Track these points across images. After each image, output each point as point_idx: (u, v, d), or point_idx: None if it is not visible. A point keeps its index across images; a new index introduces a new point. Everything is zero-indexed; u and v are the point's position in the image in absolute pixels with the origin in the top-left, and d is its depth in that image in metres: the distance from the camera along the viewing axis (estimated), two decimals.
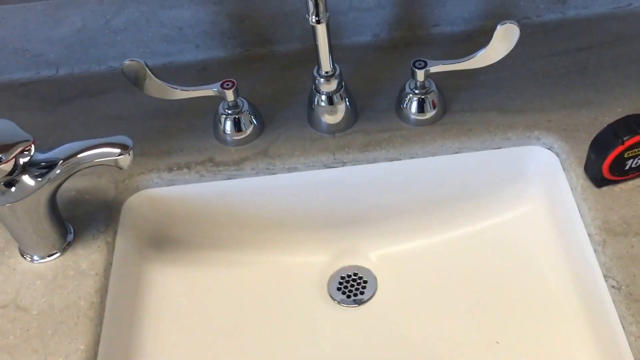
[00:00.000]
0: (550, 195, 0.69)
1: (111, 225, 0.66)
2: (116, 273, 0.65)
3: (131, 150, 0.58)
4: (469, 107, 0.72)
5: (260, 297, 0.71)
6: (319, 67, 0.67)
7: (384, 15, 0.78)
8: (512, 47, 0.66)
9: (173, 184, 0.69)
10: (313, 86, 0.69)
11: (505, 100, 0.72)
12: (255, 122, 0.70)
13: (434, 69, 0.68)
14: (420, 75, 0.68)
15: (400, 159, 0.69)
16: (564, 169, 0.67)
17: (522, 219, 0.72)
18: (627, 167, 0.63)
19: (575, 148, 0.67)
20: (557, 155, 0.68)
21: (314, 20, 0.60)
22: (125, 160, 0.59)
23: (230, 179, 0.69)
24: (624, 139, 0.61)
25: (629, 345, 0.55)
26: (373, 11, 0.78)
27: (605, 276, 0.59)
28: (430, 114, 0.70)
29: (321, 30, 0.63)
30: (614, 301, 0.58)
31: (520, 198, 0.72)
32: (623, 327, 0.56)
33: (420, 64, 0.68)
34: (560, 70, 0.74)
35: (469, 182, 0.71)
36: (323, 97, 0.69)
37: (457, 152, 0.70)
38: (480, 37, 0.79)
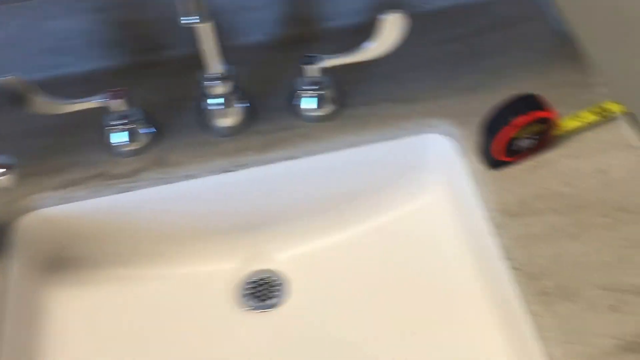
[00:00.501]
0: (451, 182, 0.70)
1: (3, 249, 0.63)
2: (13, 299, 0.62)
3: (14, 169, 0.56)
4: (365, 100, 0.72)
5: (169, 311, 0.69)
6: (208, 70, 0.66)
7: (275, 12, 0.77)
8: (400, 36, 0.66)
9: (67, 202, 0.66)
10: (205, 90, 0.67)
11: (400, 91, 0.72)
12: (148, 131, 0.68)
13: (324, 64, 0.67)
14: (310, 71, 0.68)
15: (300, 157, 0.69)
16: (460, 155, 0.68)
17: (426, 207, 0.72)
18: (518, 148, 0.64)
19: (470, 133, 0.68)
20: (453, 141, 0.69)
21: (189, 21, 0.58)
22: (7, 180, 0.56)
23: (126, 191, 0.67)
24: (511, 120, 0.62)
25: (532, 324, 0.56)
26: (264, 9, 0.77)
27: (505, 258, 0.60)
28: (326, 109, 0.70)
29: (205, 31, 0.62)
30: (515, 282, 0.58)
31: (423, 187, 0.72)
32: (525, 307, 0.57)
33: (309, 60, 0.68)
34: (452, 56, 0.75)
35: (371, 175, 0.71)
36: (217, 101, 0.68)
37: (355, 146, 0.69)
38: (374, 29, 0.78)
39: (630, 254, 0.58)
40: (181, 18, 0.57)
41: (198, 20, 0.57)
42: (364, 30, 0.79)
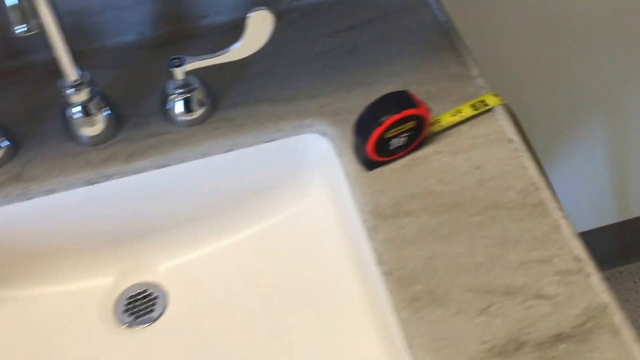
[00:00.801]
0: (331, 183, 0.67)
1: None
2: None
3: None
4: (240, 101, 0.69)
5: (41, 334, 0.65)
6: (65, 77, 0.62)
7: (146, 10, 0.73)
8: (269, 34, 0.63)
9: None
10: (64, 98, 0.63)
11: (277, 90, 0.69)
12: (5, 144, 0.64)
13: (190, 66, 0.64)
14: (177, 74, 0.64)
15: (170, 165, 0.65)
16: (338, 155, 0.65)
17: (308, 210, 0.69)
18: (392, 147, 0.61)
19: (346, 132, 0.65)
20: (331, 141, 0.66)
21: (21, 30, 0.53)
22: None
23: None
24: (381, 120, 0.59)
25: (402, 332, 0.54)
26: (134, 7, 0.72)
27: (377, 263, 0.58)
28: (197, 113, 0.66)
29: (51, 38, 0.58)
30: (386, 288, 0.56)
31: (304, 189, 0.70)
32: (395, 314, 0.55)
33: (175, 62, 0.64)
34: (332, 52, 0.72)
35: (249, 180, 0.68)
36: (77, 109, 0.64)
37: (230, 150, 0.66)
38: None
39: (501, 252, 0.56)
40: (15, 28, 0.53)
41: (26, 29, 0.53)
42: (240, 27, 0.75)
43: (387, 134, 0.60)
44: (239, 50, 0.63)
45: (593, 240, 1.34)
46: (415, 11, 0.75)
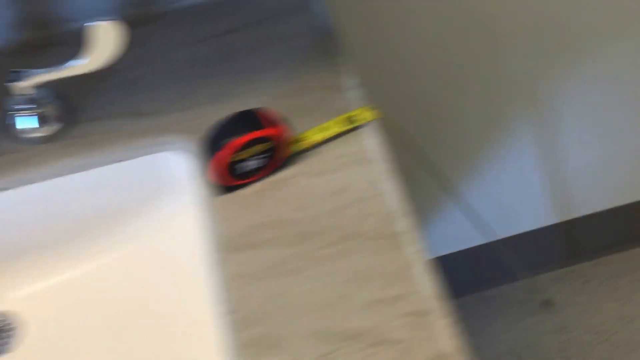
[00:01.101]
0: (192, 207, 0.62)
1: None
2: None
3: None
4: (99, 115, 0.63)
5: None
6: None
7: (10, 14, 0.68)
8: (118, 44, 0.58)
9: None
10: None
11: (141, 102, 0.64)
12: None
13: (33, 81, 0.58)
14: (15, 89, 0.59)
15: (13, 188, 0.60)
16: (199, 176, 0.60)
17: (169, 236, 0.63)
18: (244, 170, 0.56)
19: None
20: (194, 159, 0.61)
21: None
22: None
23: None
24: (222, 143, 0.54)
25: None
26: None
27: (219, 301, 0.52)
28: (47, 129, 0.61)
29: None
30: (227, 329, 0.51)
31: (166, 212, 0.64)
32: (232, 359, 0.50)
33: (16, 77, 0.59)
34: (205, 59, 0.67)
35: (106, 202, 0.63)
36: None
37: (83, 170, 0.61)
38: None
39: (350, 291, 0.51)
40: None
41: None
42: None
43: (236, 157, 0.54)
44: (85, 64, 0.58)
45: (540, 239, 1.29)
46: (299, 15, 0.69)
